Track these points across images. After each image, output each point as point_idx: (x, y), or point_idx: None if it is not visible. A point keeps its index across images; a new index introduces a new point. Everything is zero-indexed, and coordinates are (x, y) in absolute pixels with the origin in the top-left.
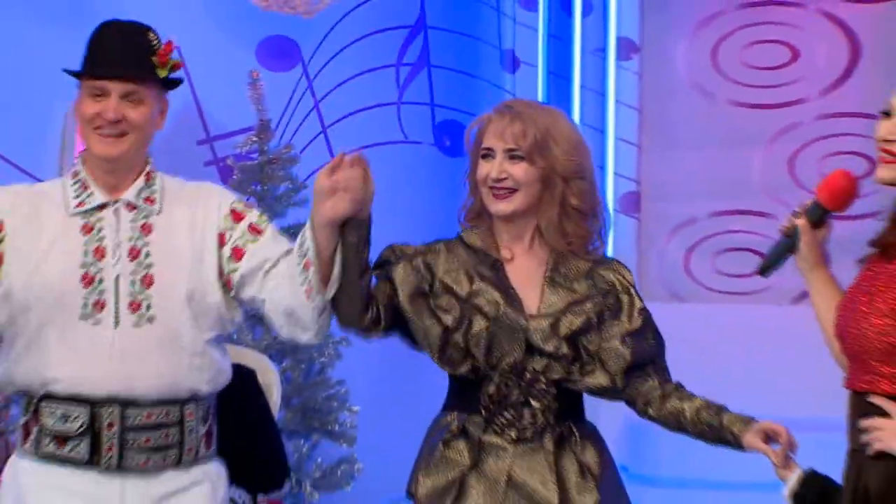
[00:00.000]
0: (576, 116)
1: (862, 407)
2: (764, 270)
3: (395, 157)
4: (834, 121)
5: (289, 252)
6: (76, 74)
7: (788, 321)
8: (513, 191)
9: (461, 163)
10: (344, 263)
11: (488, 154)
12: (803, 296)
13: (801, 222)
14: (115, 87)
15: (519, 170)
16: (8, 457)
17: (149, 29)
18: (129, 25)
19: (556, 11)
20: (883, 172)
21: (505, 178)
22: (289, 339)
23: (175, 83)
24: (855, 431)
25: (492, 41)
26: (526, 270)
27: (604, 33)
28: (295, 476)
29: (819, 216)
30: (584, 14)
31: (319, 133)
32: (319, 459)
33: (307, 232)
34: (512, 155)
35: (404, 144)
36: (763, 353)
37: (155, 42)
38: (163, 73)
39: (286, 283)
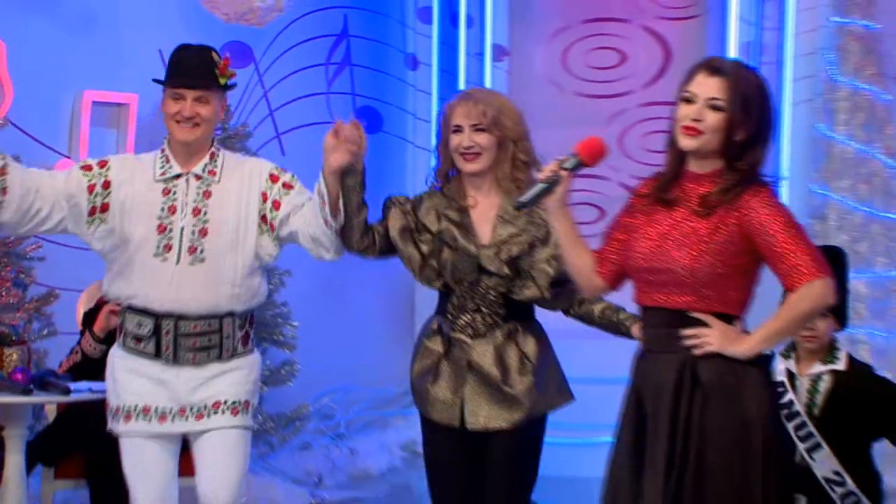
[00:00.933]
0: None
1: (664, 318)
2: (524, 205)
3: (324, 134)
4: (652, 108)
5: (310, 198)
6: (162, 83)
7: None
8: (478, 154)
9: (375, 139)
10: (345, 201)
11: (458, 129)
12: None
13: (562, 172)
14: (190, 93)
15: (482, 138)
16: (30, 361)
17: (212, 49)
18: (198, 48)
19: (446, 24)
20: (688, 143)
21: (472, 146)
22: (318, 259)
23: (231, 87)
24: (657, 337)
25: (398, 46)
26: (484, 213)
27: (481, 41)
28: None
29: (576, 168)
30: (468, 26)
31: (267, 115)
32: (268, 362)
33: (320, 179)
34: (476, 128)
35: (331, 124)
36: None
37: (217, 59)
38: (223, 81)
39: (311, 219)
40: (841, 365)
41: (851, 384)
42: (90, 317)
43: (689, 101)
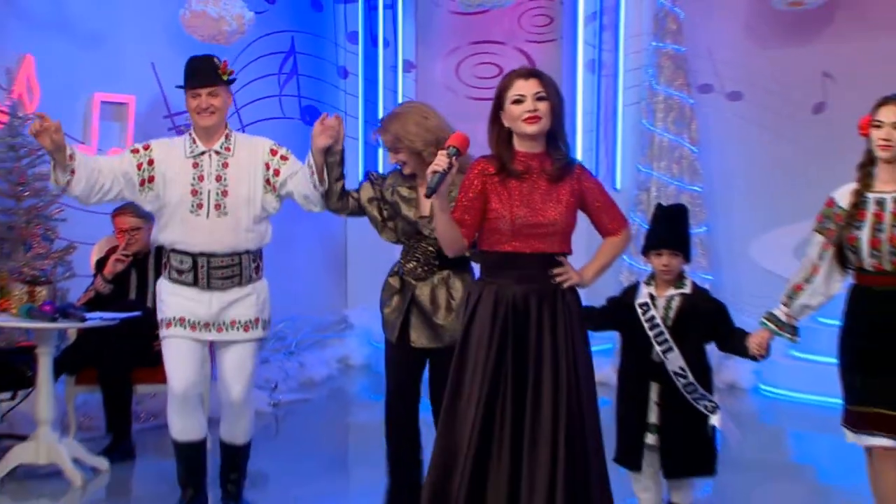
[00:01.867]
0: (380, 105)
1: (539, 260)
2: (433, 191)
3: (276, 127)
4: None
5: (302, 167)
6: (183, 87)
7: None
8: (404, 164)
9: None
10: (328, 172)
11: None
12: None
13: (448, 160)
14: (203, 90)
15: (401, 156)
16: (55, 297)
17: (213, 56)
18: (203, 57)
19: (369, 45)
20: (532, 128)
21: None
22: (307, 211)
23: (232, 81)
24: (531, 274)
25: (332, 61)
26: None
27: (395, 57)
28: None
29: (455, 155)
30: (385, 46)
31: (234, 112)
32: None
33: (309, 154)
34: (393, 149)
35: (283, 119)
36: None
37: (218, 63)
38: (225, 78)
39: (303, 182)
40: (688, 289)
41: (694, 302)
42: (101, 263)
43: (518, 101)
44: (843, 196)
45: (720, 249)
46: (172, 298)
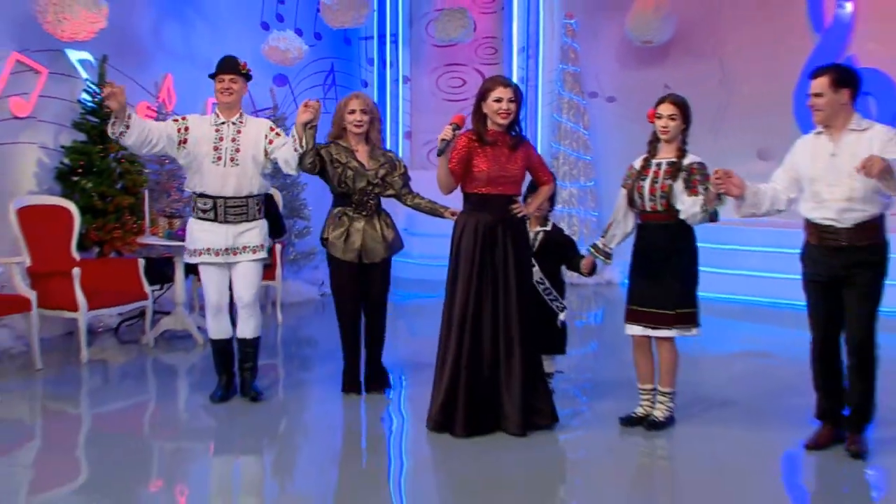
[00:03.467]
0: (388, 105)
1: (502, 200)
2: (441, 152)
3: (320, 120)
4: None
5: (287, 140)
6: (212, 76)
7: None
8: (509, 114)
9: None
10: (306, 140)
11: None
12: None
13: (453, 131)
14: (226, 77)
15: (366, 117)
16: (185, 226)
17: (236, 57)
18: (230, 56)
19: (380, 66)
20: (505, 120)
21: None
22: (286, 174)
23: (249, 76)
24: (500, 208)
25: (357, 76)
26: (363, 154)
27: (397, 73)
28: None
29: (457, 129)
30: (391, 67)
31: (295, 110)
32: (296, 227)
33: (293, 128)
34: (363, 112)
35: (325, 114)
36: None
37: (239, 62)
38: (243, 72)
39: (287, 149)
40: (549, 228)
41: (552, 237)
42: None
43: (498, 100)
44: (638, 162)
45: (602, 196)
46: (199, 234)
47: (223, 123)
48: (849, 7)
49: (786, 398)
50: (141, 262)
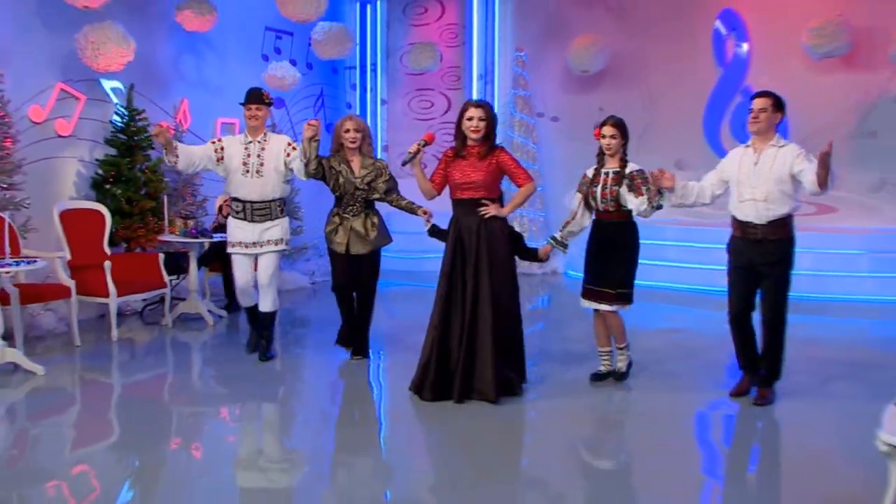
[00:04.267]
0: (368, 124)
1: (471, 203)
2: (406, 163)
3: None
4: (445, 125)
5: (297, 153)
6: (242, 104)
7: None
8: (479, 131)
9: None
10: (310, 152)
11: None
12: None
13: (419, 147)
14: (253, 106)
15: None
16: (197, 225)
17: (261, 89)
18: (256, 88)
19: (362, 90)
20: (477, 135)
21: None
22: (298, 178)
23: (271, 103)
24: (470, 210)
25: (343, 100)
26: (355, 163)
27: (376, 97)
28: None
29: (424, 145)
30: (371, 91)
31: (291, 128)
32: (292, 226)
33: (301, 142)
34: (357, 131)
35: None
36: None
37: (264, 92)
38: (267, 102)
39: (297, 161)
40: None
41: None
42: (220, 208)
43: (470, 119)
44: (590, 171)
45: (548, 199)
46: (234, 230)
47: (251, 142)
48: (745, 47)
49: (699, 362)
50: (161, 256)
